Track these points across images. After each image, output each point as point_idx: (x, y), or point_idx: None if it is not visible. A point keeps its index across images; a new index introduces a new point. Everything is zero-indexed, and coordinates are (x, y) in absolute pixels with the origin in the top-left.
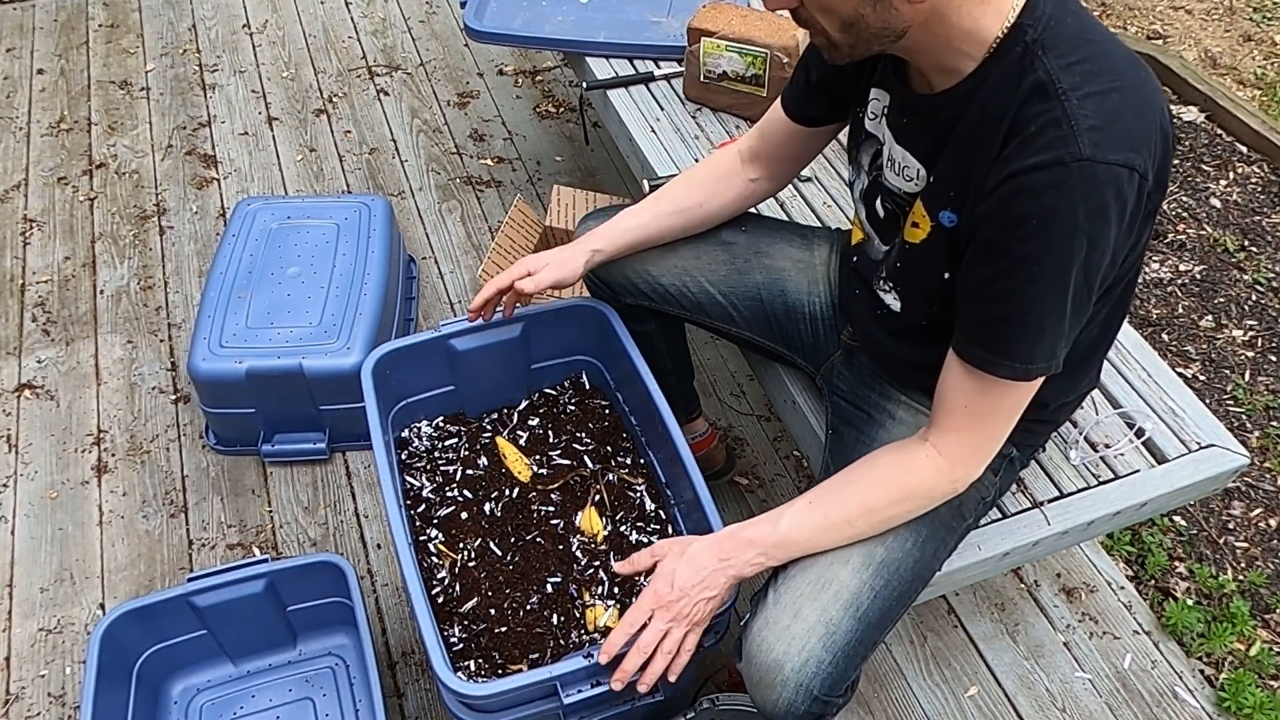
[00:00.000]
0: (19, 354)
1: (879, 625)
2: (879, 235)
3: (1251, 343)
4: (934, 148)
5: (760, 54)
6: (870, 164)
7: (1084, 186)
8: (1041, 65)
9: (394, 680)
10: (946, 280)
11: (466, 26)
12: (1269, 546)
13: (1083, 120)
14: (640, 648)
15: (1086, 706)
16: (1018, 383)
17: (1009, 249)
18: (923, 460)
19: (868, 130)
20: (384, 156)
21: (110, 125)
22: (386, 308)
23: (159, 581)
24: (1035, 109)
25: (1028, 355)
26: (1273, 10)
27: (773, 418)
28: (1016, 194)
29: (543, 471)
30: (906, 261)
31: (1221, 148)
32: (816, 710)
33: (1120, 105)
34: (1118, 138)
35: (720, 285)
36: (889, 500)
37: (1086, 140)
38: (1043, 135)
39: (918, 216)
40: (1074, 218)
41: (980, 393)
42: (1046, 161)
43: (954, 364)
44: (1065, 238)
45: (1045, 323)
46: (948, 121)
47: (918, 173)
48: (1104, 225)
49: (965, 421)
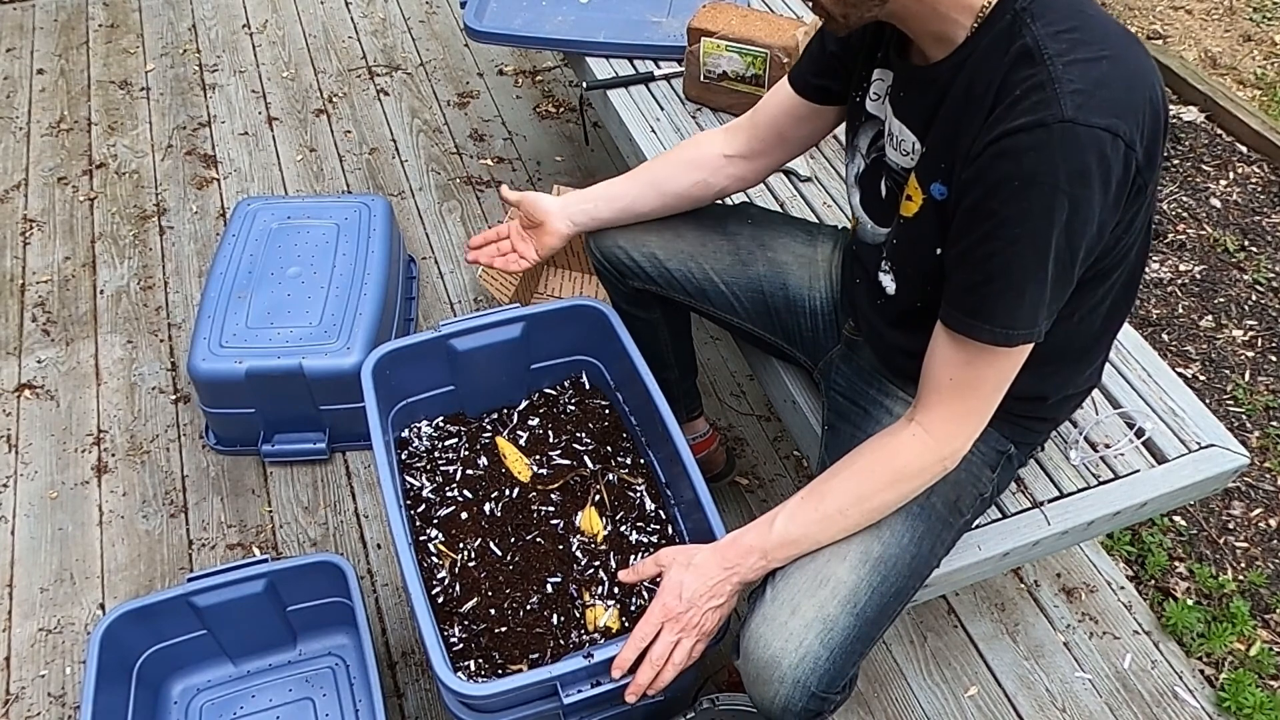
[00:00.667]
0: (19, 354)
1: (876, 622)
2: (876, 218)
3: (1251, 343)
4: (927, 119)
5: (760, 54)
6: (870, 145)
7: (1064, 148)
8: (1029, 31)
9: (394, 680)
10: (938, 256)
11: (466, 26)
12: (1269, 546)
13: (1067, 84)
14: (652, 661)
15: (1086, 706)
16: (999, 348)
17: (991, 212)
18: (908, 440)
19: (868, 112)
20: (384, 156)
21: (110, 125)
22: (386, 308)
23: (159, 581)
24: (1021, 74)
25: (1007, 319)
26: (1273, 10)
27: (773, 418)
28: (999, 156)
29: (543, 471)
30: (902, 238)
31: (1221, 148)
32: (814, 707)
33: (1108, 73)
34: (1103, 102)
35: (724, 274)
36: (879, 485)
37: (1069, 102)
38: (1026, 99)
39: (911, 190)
40: (1054, 178)
41: (964, 363)
42: (1029, 124)
43: (939, 335)
44: (1046, 199)
45: (1026, 286)
46: (939, 91)
47: (913, 145)
48: (1086, 189)
49: (950, 395)
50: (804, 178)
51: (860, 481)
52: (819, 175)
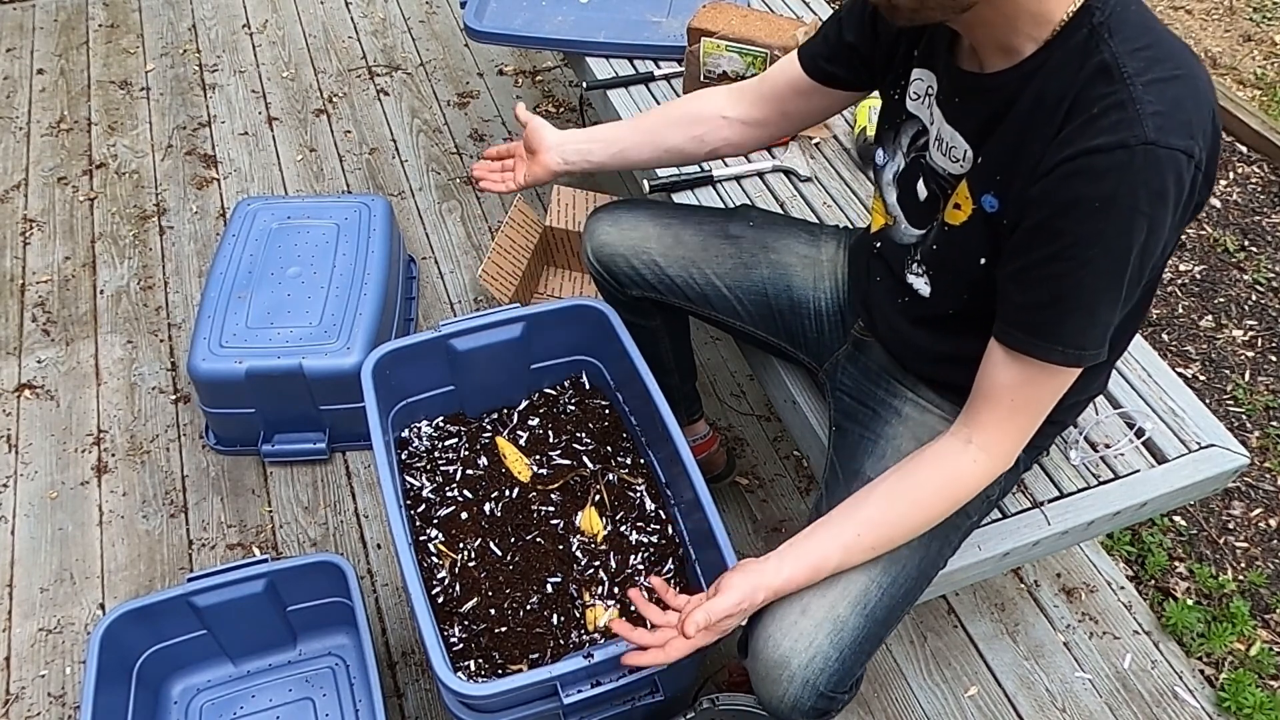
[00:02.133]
0: (19, 354)
1: (886, 622)
2: (912, 218)
3: (1251, 343)
4: (984, 129)
5: (760, 54)
6: (910, 144)
7: (1147, 170)
8: (1107, 48)
9: (394, 680)
10: (983, 266)
11: (466, 26)
12: (1269, 546)
13: (1148, 105)
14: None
15: (1086, 706)
16: (1063, 369)
17: (1064, 231)
18: (970, 466)
19: (909, 111)
20: (384, 156)
21: (110, 125)
22: (386, 308)
23: (159, 581)
24: (1099, 91)
25: (1078, 340)
26: (1273, 10)
27: (773, 418)
28: (1075, 175)
29: (543, 471)
30: (945, 244)
31: (1221, 148)
32: (822, 706)
33: (1181, 93)
34: (1180, 124)
35: (726, 279)
36: (938, 514)
37: (1151, 124)
38: (1105, 117)
39: (960, 198)
40: (1136, 200)
41: (1026, 382)
42: (1110, 144)
43: (997, 352)
44: (1127, 221)
45: (1098, 307)
46: (1002, 103)
47: (965, 154)
48: (1163, 210)
49: (1008, 413)
50: (804, 178)
51: (923, 516)
52: (819, 175)
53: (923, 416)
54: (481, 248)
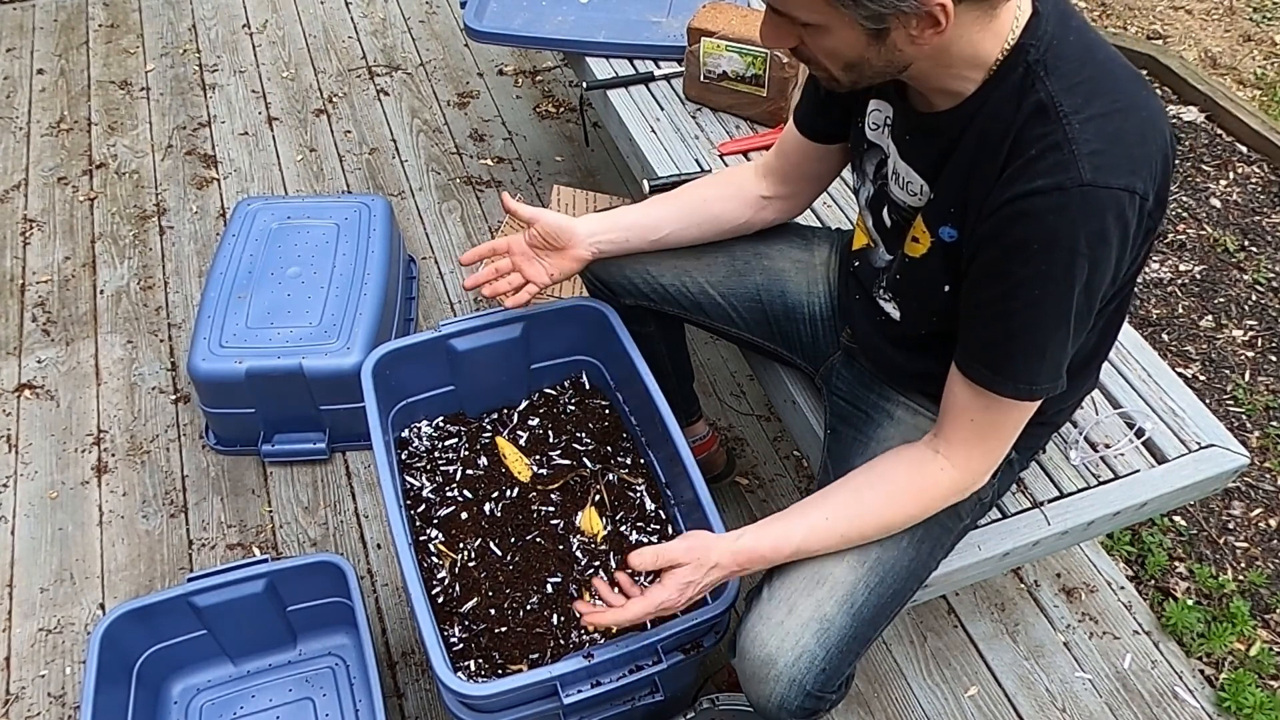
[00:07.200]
0: (19, 354)
1: (873, 622)
2: (884, 243)
3: (1251, 343)
4: (935, 165)
5: (760, 54)
6: (875, 173)
7: (1084, 211)
8: (1043, 86)
9: (394, 680)
10: (947, 293)
11: (466, 26)
12: (1269, 546)
13: (1084, 144)
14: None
15: (1086, 706)
16: (1020, 402)
17: (1010, 272)
18: (937, 474)
19: (869, 139)
20: (384, 156)
21: (110, 125)
22: (386, 308)
23: (159, 581)
24: (1036, 131)
25: (1030, 376)
26: (1273, 10)
27: (773, 418)
28: (1017, 217)
29: (543, 471)
30: (906, 275)
31: (1221, 148)
32: (810, 706)
33: (1122, 127)
34: (1119, 161)
35: (720, 286)
36: (907, 516)
37: (1087, 165)
38: (1043, 159)
39: (918, 231)
40: (1075, 242)
41: (985, 409)
42: (1047, 186)
43: (958, 379)
44: (1066, 263)
45: (1047, 346)
46: (949, 141)
47: (921, 188)
48: (1105, 249)
49: (971, 435)
50: None
51: (889, 512)
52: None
53: (914, 419)
54: None
